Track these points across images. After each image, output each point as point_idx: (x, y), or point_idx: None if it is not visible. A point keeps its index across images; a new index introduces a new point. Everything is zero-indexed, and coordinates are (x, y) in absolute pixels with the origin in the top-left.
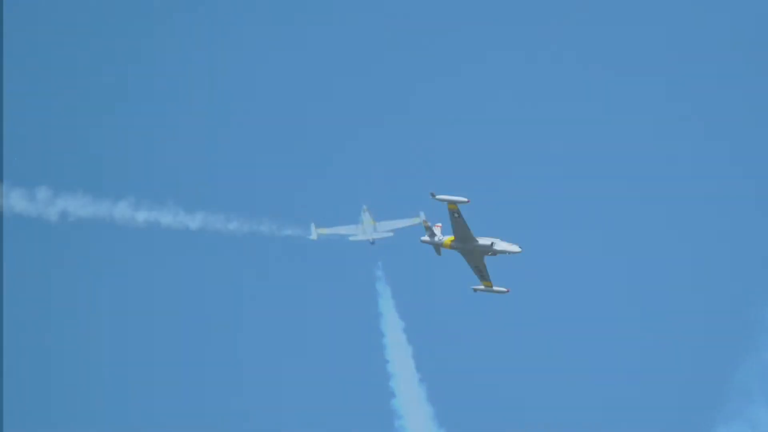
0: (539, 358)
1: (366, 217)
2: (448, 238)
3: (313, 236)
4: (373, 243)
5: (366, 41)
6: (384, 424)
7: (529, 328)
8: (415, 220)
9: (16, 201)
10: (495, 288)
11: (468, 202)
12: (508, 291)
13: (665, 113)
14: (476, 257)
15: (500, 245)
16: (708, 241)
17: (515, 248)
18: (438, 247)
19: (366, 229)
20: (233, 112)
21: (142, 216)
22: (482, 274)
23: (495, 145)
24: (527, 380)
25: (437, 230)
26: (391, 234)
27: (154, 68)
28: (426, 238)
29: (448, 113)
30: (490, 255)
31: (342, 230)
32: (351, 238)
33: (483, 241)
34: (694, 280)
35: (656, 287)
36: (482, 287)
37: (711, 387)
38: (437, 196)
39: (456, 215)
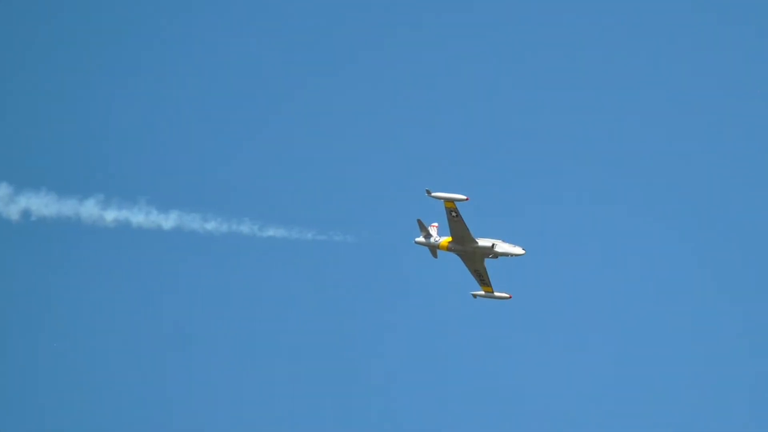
0: (543, 368)
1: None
2: (445, 240)
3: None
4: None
5: (357, 38)
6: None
7: (533, 337)
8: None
9: None
10: (496, 294)
11: (467, 200)
12: (510, 297)
13: (677, 112)
14: (476, 260)
15: (502, 247)
16: (716, 243)
17: (518, 250)
18: (434, 249)
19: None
20: (213, 106)
21: (111, 215)
22: (482, 279)
23: (497, 140)
24: (530, 390)
25: (433, 231)
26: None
27: (124, 62)
28: (421, 239)
29: (446, 108)
30: (491, 258)
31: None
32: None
33: (483, 242)
34: (704, 283)
35: (667, 292)
36: (482, 293)
37: (717, 395)
38: (433, 194)
39: (454, 214)
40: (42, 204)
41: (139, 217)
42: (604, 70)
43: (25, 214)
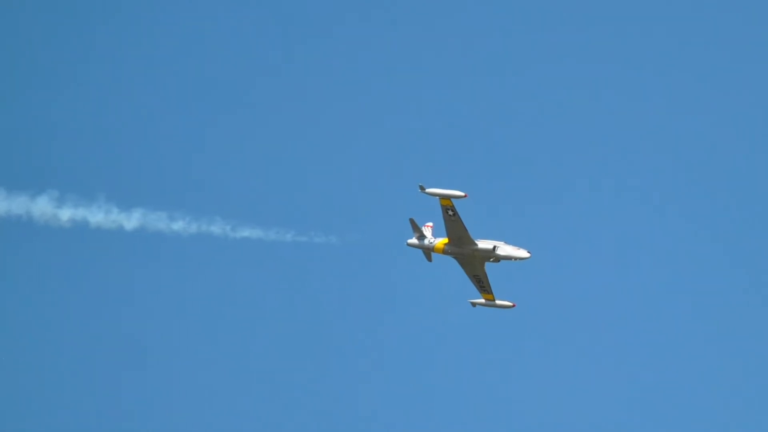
0: (550, 384)
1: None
2: (441, 241)
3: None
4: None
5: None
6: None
7: (538, 351)
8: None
9: None
10: (498, 302)
11: (465, 196)
12: (513, 306)
13: (694, 100)
14: (475, 264)
15: (504, 250)
16: (741, 242)
17: (523, 253)
18: (428, 251)
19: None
20: (180, 94)
21: (66, 213)
22: (482, 285)
23: (498, 130)
24: (535, 410)
25: (427, 231)
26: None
27: (79, 47)
28: (413, 240)
29: (441, 94)
30: (493, 261)
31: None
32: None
33: (483, 244)
34: (729, 286)
35: (688, 297)
36: (482, 301)
37: (739, 407)
38: (427, 190)
39: (450, 213)
40: None
41: (98, 216)
42: (615, 58)
43: None
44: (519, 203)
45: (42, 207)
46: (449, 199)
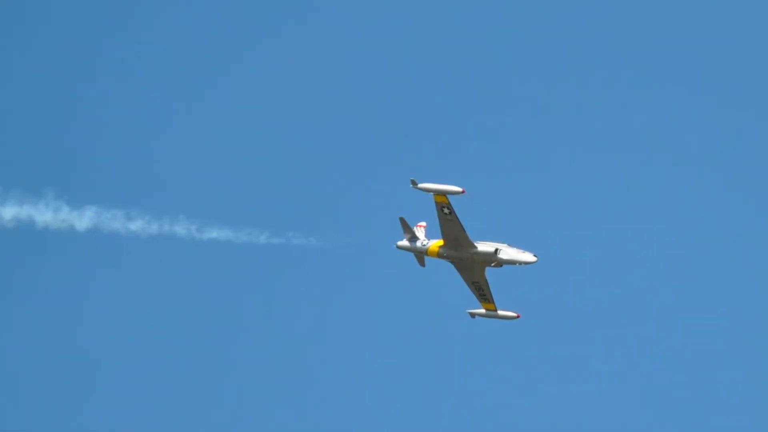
0: (558, 405)
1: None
2: (435, 243)
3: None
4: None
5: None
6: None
7: (545, 367)
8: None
9: None
10: (500, 312)
11: (463, 193)
12: (518, 317)
13: (708, 103)
14: (475, 269)
15: (508, 253)
16: (758, 252)
17: (528, 257)
18: (421, 255)
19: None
20: (139, 75)
21: (9, 212)
22: (483, 294)
23: (501, 118)
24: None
25: (420, 232)
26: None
27: (24, 33)
28: (404, 242)
29: (435, 76)
30: (494, 266)
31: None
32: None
33: (484, 247)
34: (749, 297)
35: (717, 306)
36: (483, 311)
37: (755, 421)
38: (420, 185)
39: (446, 211)
40: None
41: (46, 214)
42: (628, 50)
43: None
44: (524, 201)
45: None
46: (445, 195)
